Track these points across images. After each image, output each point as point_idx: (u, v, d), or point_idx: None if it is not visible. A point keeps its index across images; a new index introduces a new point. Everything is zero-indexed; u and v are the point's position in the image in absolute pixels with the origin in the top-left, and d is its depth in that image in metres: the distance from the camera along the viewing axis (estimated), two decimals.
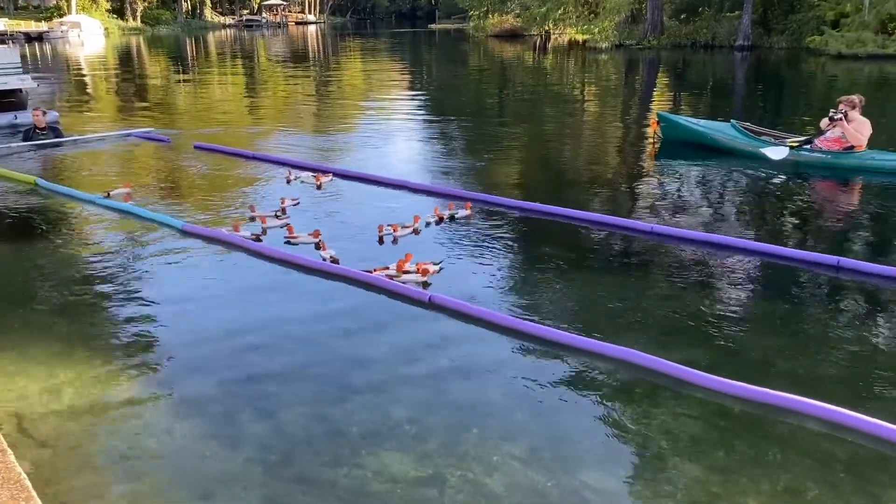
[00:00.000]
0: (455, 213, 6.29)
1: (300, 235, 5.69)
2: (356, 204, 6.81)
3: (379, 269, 4.89)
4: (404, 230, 5.83)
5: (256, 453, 3.06)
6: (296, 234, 5.72)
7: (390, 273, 4.84)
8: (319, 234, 5.58)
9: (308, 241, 5.57)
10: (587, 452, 3.07)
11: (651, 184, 7.84)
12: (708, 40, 27.15)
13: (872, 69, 19.23)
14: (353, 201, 6.91)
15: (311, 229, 5.73)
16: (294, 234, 5.72)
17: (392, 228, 5.79)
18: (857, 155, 7.80)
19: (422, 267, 4.88)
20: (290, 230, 5.75)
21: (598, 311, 4.45)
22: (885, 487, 2.84)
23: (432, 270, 4.94)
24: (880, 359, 3.84)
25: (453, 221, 6.18)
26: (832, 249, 5.41)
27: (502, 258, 5.39)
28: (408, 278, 4.80)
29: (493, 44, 34.95)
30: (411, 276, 4.83)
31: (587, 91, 16.77)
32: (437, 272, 4.96)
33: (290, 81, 19.24)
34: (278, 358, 3.87)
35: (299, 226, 5.87)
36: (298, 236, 5.68)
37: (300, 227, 5.85)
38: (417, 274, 4.84)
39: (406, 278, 4.80)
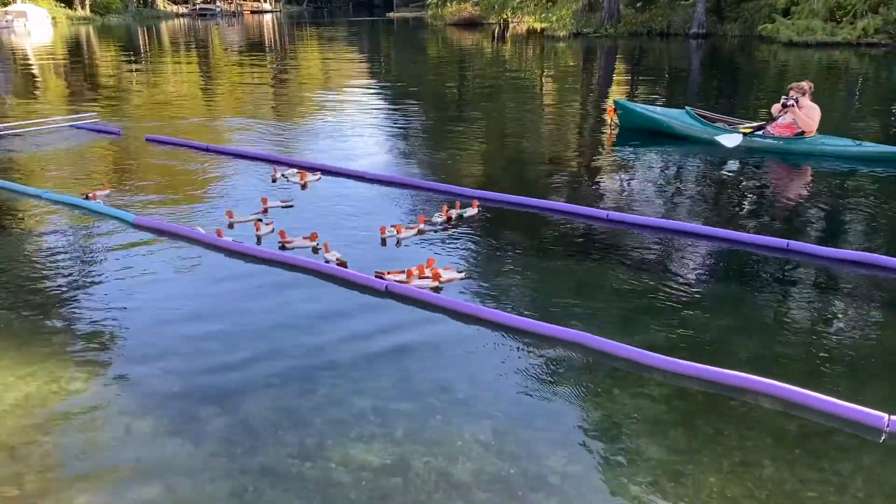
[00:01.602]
0: (463, 212, 6.00)
1: (295, 240, 5.33)
2: (349, 203, 6.51)
3: (394, 273, 4.64)
4: (408, 231, 5.54)
5: (220, 447, 3.04)
6: (290, 238, 5.35)
7: (402, 279, 4.58)
8: (317, 238, 5.30)
9: (304, 246, 5.28)
10: (551, 436, 3.12)
11: (608, 171, 7.93)
12: (663, 28, 27.45)
13: (822, 56, 19.67)
14: (344, 200, 6.60)
15: (304, 232, 5.43)
16: (287, 238, 5.34)
17: (395, 230, 5.50)
18: (807, 140, 8.00)
19: (436, 271, 4.64)
20: (282, 235, 5.36)
21: (557, 296, 4.50)
22: (833, 460, 2.95)
23: (455, 277, 4.67)
24: (829, 337, 3.97)
25: (461, 221, 5.92)
26: (783, 232, 5.55)
27: (461, 246, 5.42)
28: (420, 284, 4.54)
29: (452, 32, 34.88)
30: (423, 282, 4.56)
31: (546, 79, 16.86)
32: (461, 279, 4.69)
33: (247, 72, 18.95)
34: (239, 350, 3.84)
35: (288, 229, 5.52)
36: (293, 241, 5.32)
37: (287, 229, 5.51)
38: (429, 279, 4.59)
39: (418, 284, 4.54)
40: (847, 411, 3.18)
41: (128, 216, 5.92)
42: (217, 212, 6.17)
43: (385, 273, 4.63)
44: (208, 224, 5.80)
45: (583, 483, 2.84)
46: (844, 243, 5.38)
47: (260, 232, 5.51)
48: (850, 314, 4.28)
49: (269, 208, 6.19)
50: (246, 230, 5.66)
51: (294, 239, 5.32)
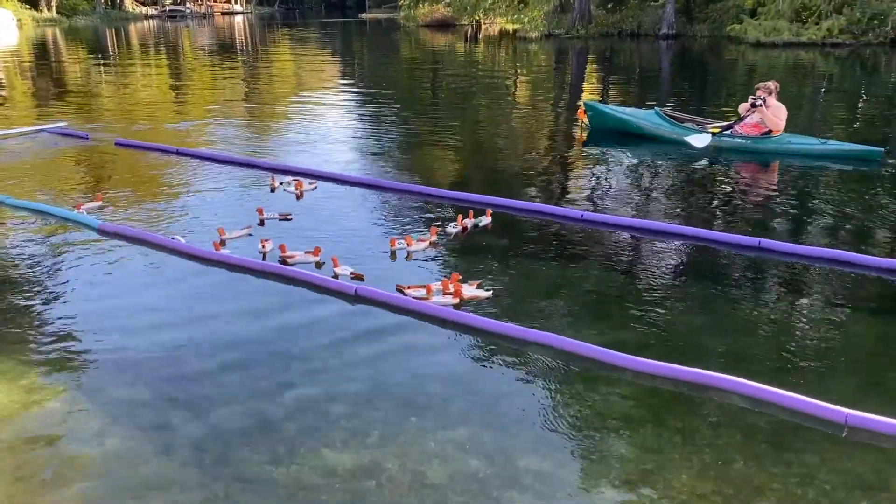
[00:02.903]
0: (478, 221, 5.76)
1: (297, 254, 5.04)
2: (350, 212, 6.30)
3: (414, 288, 4.47)
4: (420, 243, 5.27)
5: (192, 455, 3.02)
6: (291, 252, 5.06)
7: (419, 294, 4.40)
8: (320, 252, 5.04)
9: (307, 261, 5.02)
10: (524, 437, 3.14)
11: (580, 172, 7.99)
12: (634, 29, 27.72)
13: (789, 56, 20.00)
14: (344, 209, 6.37)
15: (307, 246, 5.18)
16: (289, 253, 5.06)
17: (406, 241, 5.26)
18: (774, 139, 8.13)
19: (459, 288, 4.41)
20: (283, 249, 5.07)
21: (529, 297, 4.52)
22: (800, 454, 3.00)
23: (480, 295, 4.43)
24: (797, 334, 4.04)
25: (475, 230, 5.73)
26: (754, 231, 5.64)
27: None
28: (439, 301, 4.35)
29: (425, 33, 34.88)
30: (444, 299, 4.38)
31: (519, 81, 16.93)
32: (486, 298, 4.44)
33: (218, 74, 18.79)
34: (209, 357, 3.81)
35: (288, 243, 5.23)
36: (295, 255, 5.03)
37: (288, 243, 5.21)
38: (449, 296, 4.38)
39: (437, 300, 4.35)
40: (810, 407, 3.25)
41: (92, 222, 5.83)
42: (189, 217, 6.12)
43: (406, 287, 4.47)
44: (185, 230, 5.75)
45: (555, 482, 2.87)
46: (813, 240, 5.47)
47: (266, 249, 5.16)
48: (817, 311, 4.35)
49: (266, 219, 5.94)
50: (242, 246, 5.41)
51: (295, 253, 5.05)
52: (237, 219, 6.02)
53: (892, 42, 21.41)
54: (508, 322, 4.08)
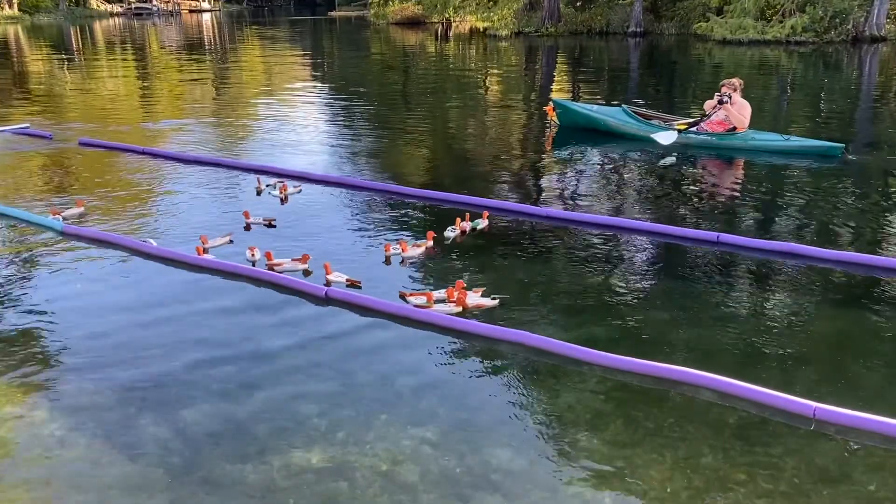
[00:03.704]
0: (476, 224, 5.65)
1: (284, 262, 4.87)
2: (338, 216, 6.17)
3: (416, 295, 4.36)
4: (415, 249, 5.12)
5: (158, 457, 2.97)
6: (278, 260, 4.88)
7: (420, 303, 4.28)
8: (308, 259, 4.87)
9: (295, 269, 4.84)
10: (495, 434, 3.14)
11: (547, 170, 8.02)
12: (603, 27, 27.95)
13: (754, 53, 20.30)
14: (332, 213, 6.25)
15: (295, 252, 5.01)
16: (275, 260, 4.88)
17: (401, 247, 5.08)
18: (739, 136, 8.25)
19: (463, 296, 4.27)
20: (269, 257, 4.89)
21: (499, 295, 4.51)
22: (767, 447, 3.05)
23: (484, 304, 4.28)
24: (760, 328, 4.10)
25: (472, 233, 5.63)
26: (715, 226, 5.72)
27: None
28: (441, 309, 4.22)
29: (395, 31, 34.79)
30: (447, 307, 4.24)
31: (489, 78, 16.96)
32: (492, 307, 4.31)
33: (186, 72, 18.54)
34: (176, 359, 3.76)
35: (275, 249, 5.07)
36: (282, 263, 4.86)
37: (274, 250, 5.05)
38: (452, 304, 4.26)
39: (439, 309, 4.22)
40: (778, 401, 3.29)
41: (56, 224, 5.72)
42: (158, 219, 6.04)
43: (408, 294, 4.38)
44: (154, 231, 5.66)
45: (526, 479, 2.87)
46: (773, 235, 5.56)
47: (256, 258, 4.97)
48: (779, 305, 4.42)
49: (251, 224, 5.79)
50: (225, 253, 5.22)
51: (283, 261, 4.88)
52: (208, 220, 5.96)
53: (854, 40, 21.84)
54: (476, 320, 4.09)
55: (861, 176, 7.34)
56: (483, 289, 4.46)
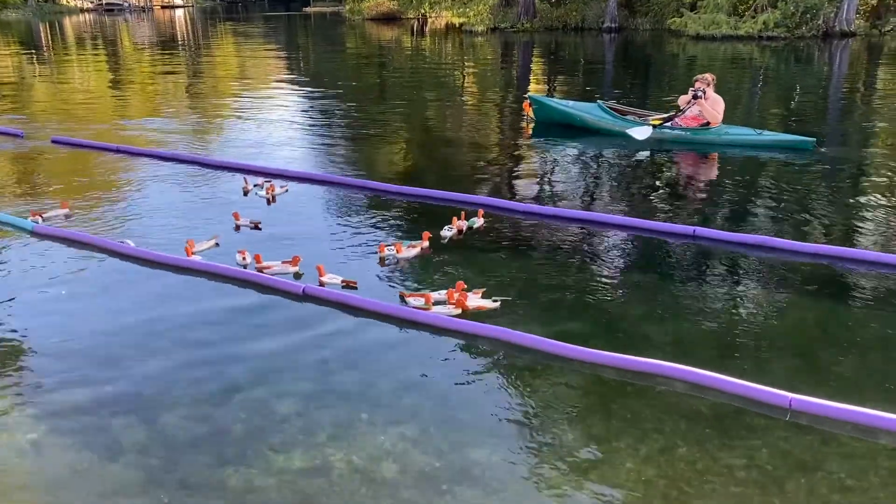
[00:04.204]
0: (472, 222, 5.59)
1: (273, 264, 4.76)
2: (328, 216, 6.08)
3: (415, 296, 4.28)
4: (410, 250, 5.00)
5: (136, 461, 2.95)
6: (267, 263, 4.77)
7: (418, 304, 4.22)
8: (299, 261, 4.75)
9: (286, 272, 4.73)
10: (474, 430, 3.16)
11: (524, 166, 8.04)
12: (578, 23, 28.05)
13: (727, 49, 20.50)
14: (321, 213, 6.15)
15: (285, 255, 4.87)
16: (265, 263, 4.77)
17: (395, 248, 4.99)
18: (712, 130, 8.35)
19: (463, 298, 4.20)
20: (258, 260, 4.79)
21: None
22: (742, 438, 3.09)
23: (485, 305, 4.22)
24: (735, 320, 4.16)
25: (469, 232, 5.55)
26: (690, 220, 5.79)
27: (360, 237, 5.41)
28: (439, 311, 4.16)
29: (371, 27, 34.65)
30: (446, 309, 4.17)
31: (466, 75, 16.96)
32: (493, 308, 4.24)
33: (159, 69, 18.32)
34: (152, 361, 3.72)
35: (262, 250, 4.97)
36: (272, 266, 4.75)
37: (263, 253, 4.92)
38: (451, 306, 4.19)
39: (437, 310, 4.16)
40: (755, 392, 3.34)
41: (27, 224, 5.63)
42: (134, 218, 5.96)
43: (407, 295, 4.31)
44: (130, 231, 5.59)
45: (505, 473, 2.90)
46: (748, 228, 5.63)
47: (247, 261, 4.87)
48: (754, 297, 4.48)
49: (240, 226, 5.67)
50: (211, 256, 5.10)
51: (272, 264, 4.77)
52: (188, 219, 5.90)
53: (824, 35, 22.15)
54: (454, 317, 4.10)
55: (832, 169, 7.45)
56: (483, 290, 4.39)
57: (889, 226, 5.73)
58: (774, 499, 2.74)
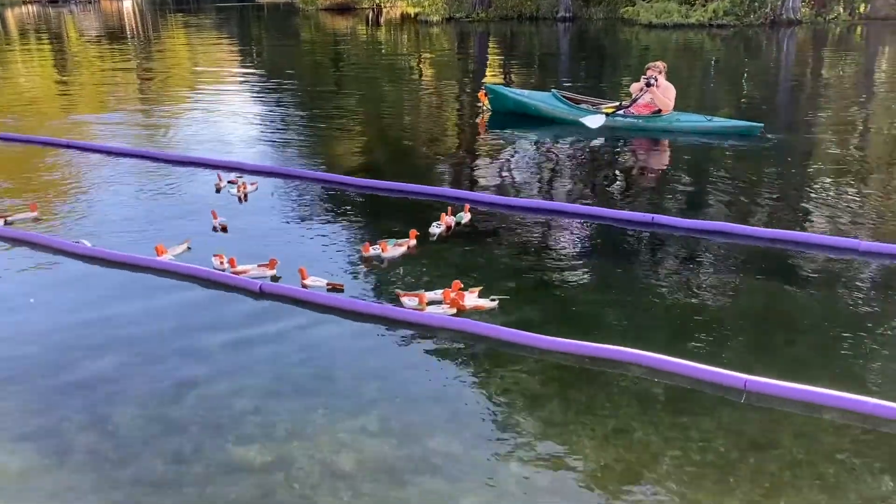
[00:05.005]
0: (460, 218, 5.49)
1: (249, 268, 4.58)
2: (304, 213, 5.87)
3: (408, 296, 4.16)
4: (397, 249, 4.89)
5: (88, 462, 2.89)
6: (243, 267, 4.58)
7: (412, 305, 4.11)
8: (276, 264, 4.58)
9: (262, 276, 4.54)
10: (434, 420, 3.17)
11: (481, 156, 8.05)
12: (533, 12, 28.10)
13: (679, 37, 20.77)
14: (297, 211, 5.96)
15: (261, 258, 4.69)
16: (240, 268, 4.58)
17: (381, 247, 4.85)
18: (664, 117, 8.47)
19: (459, 298, 4.10)
20: (232, 263, 4.61)
21: (434, 283, 4.53)
22: (695, 418, 3.16)
23: (482, 305, 4.11)
24: (691, 305, 4.23)
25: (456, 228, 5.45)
26: (647, 207, 5.86)
27: (340, 236, 5.35)
28: (433, 311, 4.06)
29: (325, 17, 34.24)
30: (441, 309, 4.08)
31: (422, 64, 16.90)
32: (490, 308, 4.14)
33: (108, 62, 17.85)
34: (106, 360, 3.65)
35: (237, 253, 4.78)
36: (248, 269, 4.57)
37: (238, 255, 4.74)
38: (446, 306, 4.09)
39: (432, 310, 4.06)
40: (711, 375, 3.41)
41: None
42: (85, 216, 5.83)
43: (402, 294, 4.19)
44: (81, 229, 5.44)
45: (466, 461, 2.91)
46: (704, 214, 5.73)
47: (224, 267, 4.65)
48: (709, 282, 4.57)
49: (217, 225, 5.47)
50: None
51: (248, 267, 4.58)
52: (144, 216, 5.78)
53: (772, 23, 22.60)
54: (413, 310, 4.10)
55: (781, 154, 7.62)
56: (480, 288, 4.28)
57: (835, 209, 5.88)
58: (728, 477, 2.81)
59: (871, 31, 21.43)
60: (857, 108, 10.32)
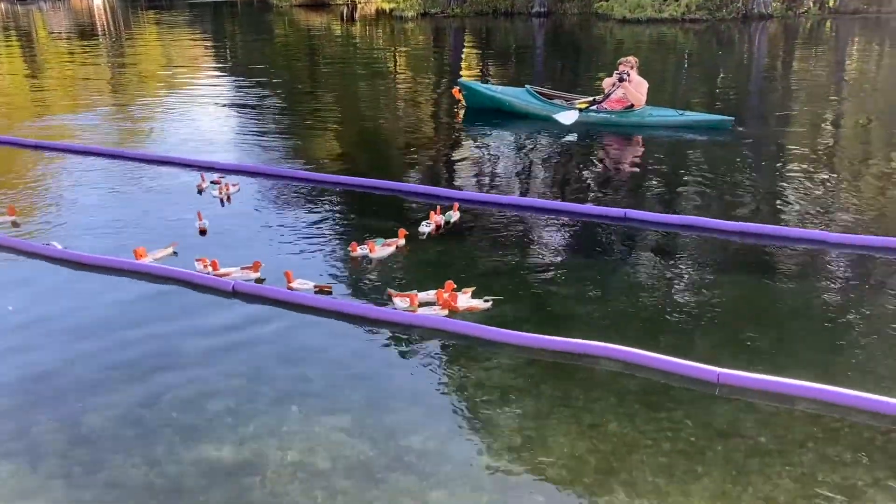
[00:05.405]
0: (449, 217, 5.44)
1: (232, 270, 4.48)
2: (287, 214, 5.79)
3: (400, 296, 4.12)
4: (385, 249, 4.82)
5: (58, 465, 2.86)
6: (225, 270, 4.48)
7: (403, 306, 4.06)
8: (260, 266, 4.50)
9: (246, 279, 4.45)
10: (408, 417, 3.17)
11: (455, 153, 8.05)
12: (508, 8, 28.14)
13: (652, 32, 20.92)
14: (279, 211, 5.85)
15: (245, 261, 4.59)
16: (223, 270, 4.48)
17: (368, 247, 4.78)
18: (637, 112, 8.53)
19: (451, 299, 4.06)
20: (214, 266, 4.51)
21: (410, 279, 4.54)
22: (669, 411, 3.20)
23: (477, 306, 4.07)
24: (665, 299, 4.28)
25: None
26: (621, 203, 5.91)
27: (325, 237, 5.32)
28: (424, 312, 4.01)
29: (299, 14, 33.97)
30: (430, 309, 4.04)
31: (397, 61, 16.86)
32: (486, 309, 4.09)
33: (79, 61, 17.60)
34: (75, 361, 3.61)
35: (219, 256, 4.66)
36: (230, 272, 4.47)
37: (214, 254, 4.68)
38: (438, 307, 4.05)
39: (423, 312, 4.01)
40: (684, 368, 3.45)
41: None
42: (56, 217, 5.75)
43: (394, 295, 4.14)
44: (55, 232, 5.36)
45: (440, 458, 2.92)
46: (676, 209, 5.79)
47: (209, 271, 4.52)
48: (682, 276, 4.62)
49: (199, 227, 5.36)
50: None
51: (231, 270, 4.49)
52: (119, 217, 5.69)
53: (744, 17, 22.84)
54: (386, 307, 4.11)
55: (753, 148, 7.71)
56: (473, 288, 4.25)
57: (805, 202, 5.97)
58: (697, 466, 2.85)
59: (841, 25, 21.76)
60: (827, 101, 10.48)
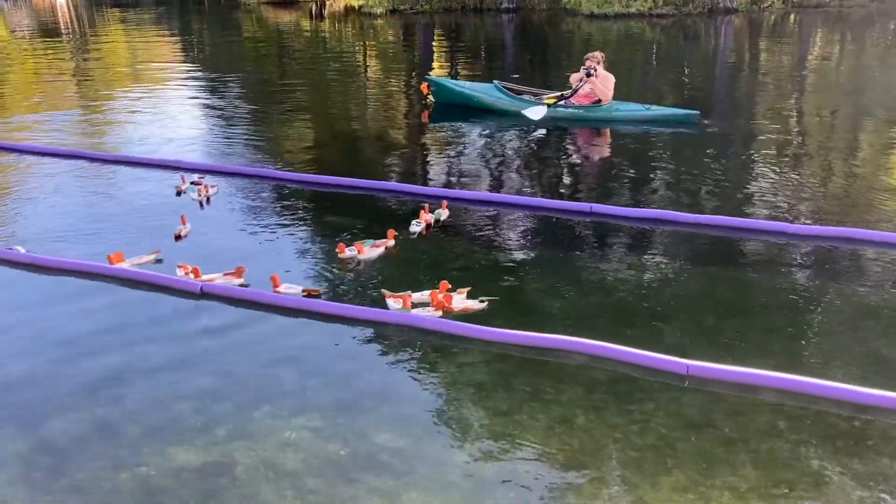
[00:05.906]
0: (439, 215, 5.37)
1: (215, 277, 4.36)
2: (270, 215, 5.68)
3: (393, 297, 4.05)
4: (374, 250, 4.74)
5: (19, 472, 2.80)
6: (208, 276, 4.37)
7: (397, 306, 4.00)
8: (244, 272, 4.39)
9: (229, 284, 4.35)
10: (380, 415, 3.16)
11: (424, 148, 8.04)
12: (477, 3, 28.13)
13: (620, 27, 21.06)
14: (260, 212, 5.74)
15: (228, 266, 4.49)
16: (205, 277, 4.37)
17: (356, 249, 4.69)
18: (604, 107, 8.58)
19: (445, 299, 4.00)
20: (196, 273, 4.39)
21: (378, 277, 4.51)
22: (637, 402, 3.23)
23: (471, 307, 4.02)
24: (632, 292, 4.30)
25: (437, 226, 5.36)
26: (587, 197, 5.95)
27: (311, 238, 5.26)
28: (419, 313, 3.95)
29: (267, 11, 33.64)
30: (424, 310, 3.98)
31: (366, 57, 16.78)
32: (482, 310, 4.04)
33: (42, 59, 17.26)
34: (40, 366, 3.55)
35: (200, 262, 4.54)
36: (214, 278, 4.34)
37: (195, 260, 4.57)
38: (432, 308, 3.99)
39: (417, 312, 3.95)
40: (653, 361, 3.48)
41: None
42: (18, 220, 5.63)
43: (388, 295, 4.07)
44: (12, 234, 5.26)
45: (412, 455, 2.92)
46: (642, 202, 5.83)
47: (190, 278, 4.39)
48: (650, 269, 4.65)
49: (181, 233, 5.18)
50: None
51: (214, 276, 4.37)
52: (85, 219, 5.59)
53: (709, 12, 23.09)
54: (357, 305, 4.08)
55: (719, 142, 7.79)
56: (468, 289, 4.20)
57: (770, 193, 6.05)
58: (667, 459, 2.87)
59: (805, 18, 22.08)
60: (791, 94, 10.63)
